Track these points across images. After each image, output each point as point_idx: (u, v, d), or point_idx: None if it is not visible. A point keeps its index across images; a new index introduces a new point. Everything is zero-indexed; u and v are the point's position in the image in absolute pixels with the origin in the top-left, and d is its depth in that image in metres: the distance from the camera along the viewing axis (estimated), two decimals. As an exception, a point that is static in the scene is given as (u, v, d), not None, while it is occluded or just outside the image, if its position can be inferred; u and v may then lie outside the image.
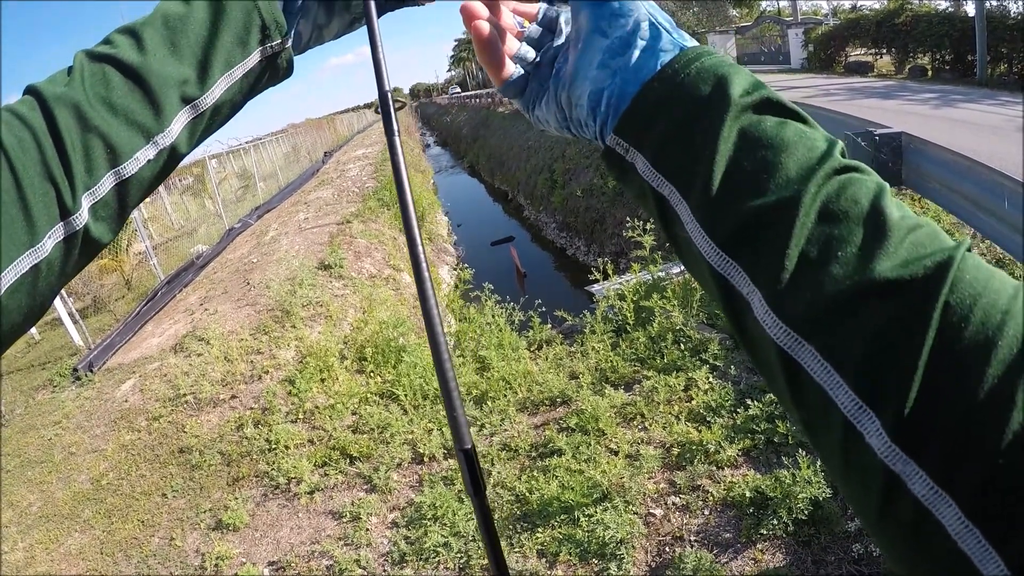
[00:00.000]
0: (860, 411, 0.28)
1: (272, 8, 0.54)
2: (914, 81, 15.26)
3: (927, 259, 0.29)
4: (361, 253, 8.97)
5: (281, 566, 3.51)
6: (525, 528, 3.40)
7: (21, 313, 0.43)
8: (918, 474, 0.26)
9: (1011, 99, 10.74)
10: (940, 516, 0.25)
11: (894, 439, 0.27)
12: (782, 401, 0.34)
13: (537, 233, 15.91)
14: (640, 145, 0.41)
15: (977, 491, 0.25)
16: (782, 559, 2.90)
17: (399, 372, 5.16)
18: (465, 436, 0.46)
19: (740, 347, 0.37)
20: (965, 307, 0.27)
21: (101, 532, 4.00)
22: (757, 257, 0.34)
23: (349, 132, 42.19)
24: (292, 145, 25.53)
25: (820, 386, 0.30)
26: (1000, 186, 3.43)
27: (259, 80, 0.57)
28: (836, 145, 0.36)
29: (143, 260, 9.84)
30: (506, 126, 25.16)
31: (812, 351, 0.31)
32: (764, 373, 0.35)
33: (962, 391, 0.26)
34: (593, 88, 0.44)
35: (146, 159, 0.49)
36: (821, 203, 0.33)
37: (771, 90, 0.38)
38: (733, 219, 0.35)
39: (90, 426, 5.18)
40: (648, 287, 5.62)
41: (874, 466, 0.28)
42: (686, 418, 3.98)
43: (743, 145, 0.36)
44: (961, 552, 0.25)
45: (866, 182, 0.34)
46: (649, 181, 0.40)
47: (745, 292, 0.34)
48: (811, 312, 0.31)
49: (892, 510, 0.28)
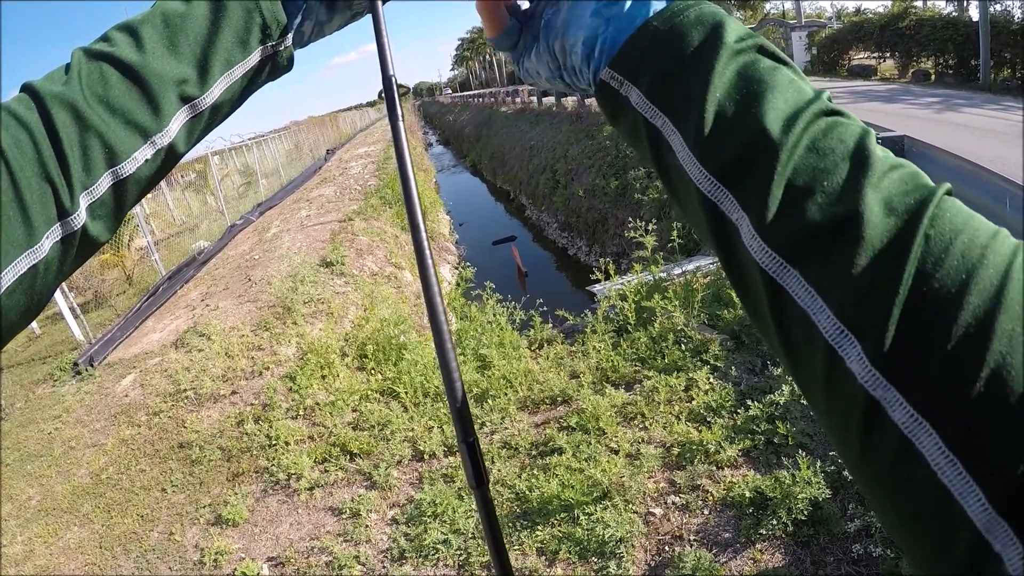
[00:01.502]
0: (842, 336, 0.29)
1: (273, 7, 0.54)
2: (917, 85, 15.28)
3: (909, 195, 0.30)
4: (363, 250, 8.97)
5: (280, 562, 3.51)
6: (525, 526, 3.40)
7: (19, 312, 0.43)
8: (899, 401, 0.26)
9: (1014, 104, 10.74)
10: (921, 446, 0.25)
11: (875, 364, 0.27)
12: (764, 330, 0.35)
13: (539, 233, 15.91)
14: (635, 78, 0.42)
15: (958, 421, 0.25)
16: (781, 559, 2.90)
17: (400, 369, 5.16)
18: (468, 429, 0.46)
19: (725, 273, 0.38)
20: (945, 239, 0.28)
21: (100, 526, 4.00)
22: (747, 185, 0.35)
23: (352, 130, 42.21)
24: (294, 142, 25.57)
25: (803, 310, 0.31)
26: (1002, 190, 3.44)
27: (258, 77, 0.56)
28: (824, 92, 0.37)
29: (145, 256, 9.84)
30: (508, 126, 25.15)
31: (796, 275, 0.31)
32: (747, 300, 0.36)
33: (942, 320, 0.26)
34: (588, 35, 0.45)
35: (144, 159, 0.48)
36: (809, 139, 0.34)
37: (764, 39, 0.40)
38: (725, 149, 0.36)
39: (90, 421, 5.18)
40: (650, 287, 5.62)
41: (855, 392, 0.28)
42: (686, 418, 3.98)
43: (737, 81, 0.37)
44: (941, 485, 0.24)
45: (852, 125, 0.35)
46: (643, 112, 0.41)
47: (734, 218, 0.35)
48: (797, 237, 0.32)
49: (873, 439, 0.27)
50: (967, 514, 0.24)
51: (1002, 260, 0.27)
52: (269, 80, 0.59)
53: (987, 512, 0.23)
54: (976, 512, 0.23)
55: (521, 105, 26.33)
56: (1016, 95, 11.94)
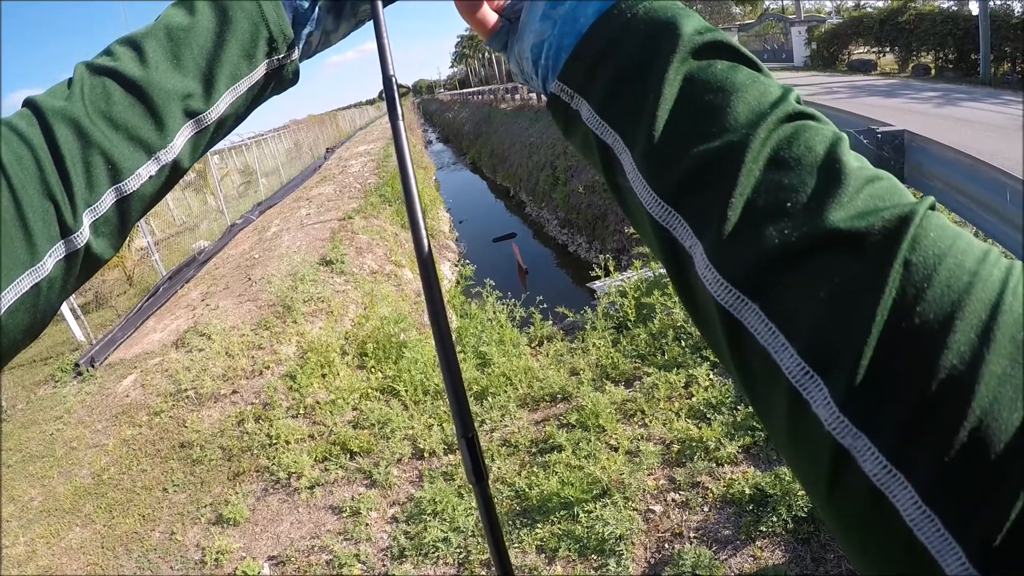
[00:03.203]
0: (807, 377, 0.26)
1: (280, 20, 0.53)
2: (917, 79, 15.25)
3: (886, 211, 0.27)
4: (363, 249, 8.97)
5: (281, 560, 3.51)
6: (525, 524, 3.40)
7: (21, 331, 0.43)
8: (870, 450, 0.24)
9: (1014, 98, 10.71)
10: (895, 499, 0.23)
11: (843, 410, 0.24)
12: (725, 365, 0.32)
13: (539, 230, 15.89)
14: (585, 91, 0.39)
15: (936, 472, 0.22)
16: (781, 556, 2.90)
17: (400, 368, 5.16)
18: (467, 424, 0.46)
19: (682, 305, 0.35)
20: (928, 267, 0.25)
21: (102, 526, 4.01)
22: (699, 207, 0.31)
23: (351, 128, 42.19)
24: (294, 141, 25.51)
25: (764, 349, 0.27)
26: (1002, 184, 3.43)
27: (264, 91, 0.56)
28: (791, 92, 0.33)
29: (145, 256, 9.84)
30: (508, 123, 25.11)
31: (756, 310, 0.28)
32: (706, 334, 0.33)
33: (922, 360, 0.23)
34: (535, 41, 0.43)
35: (148, 175, 0.48)
36: (771, 149, 0.30)
37: (723, 33, 0.36)
38: (675, 167, 0.32)
39: (91, 421, 5.19)
40: (649, 284, 5.62)
41: (821, 439, 0.25)
42: (686, 415, 3.98)
43: (690, 89, 0.34)
44: (918, 543, 0.22)
45: (822, 130, 0.31)
46: (593, 129, 0.38)
47: (688, 246, 0.32)
48: (756, 267, 0.28)
49: (842, 490, 0.25)
50: (945, 573, 0.22)
51: (992, 289, 0.24)
52: (274, 93, 0.58)
53: (966, 570, 0.21)
54: (954, 570, 0.21)
55: (520, 102, 26.28)
56: (1016, 89, 11.90)
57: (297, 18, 0.55)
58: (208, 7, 0.50)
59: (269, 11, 0.52)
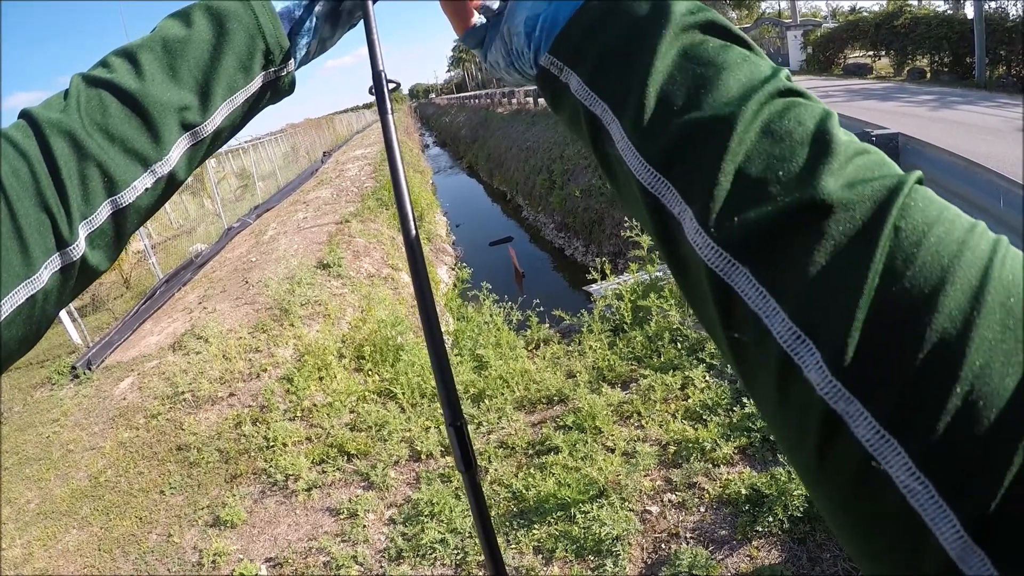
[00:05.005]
0: (798, 341, 0.26)
1: (276, 31, 0.53)
2: (913, 83, 15.33)
3: (876, 181, 0.27)
4: (360, 252, 8.97)
5: (278, 562, 3.51)
6: (522, 525, 3.40)
7: (18, 341, 0.43)
8: (862, 415, 0.23)
9: (1009, 101, 10.78)
10: (887, 466, 0.23)
11: (835, 374, 0.24)
12: (713, 334, 0.32)
13: (535, 233, 15.92)
14: (575, 64, 0.40)
15: (930, 437, 0.22)
16: (778, 556, 2.91)
17: (397, 371, 5.17)
18: (456, 412, 0.47)
19: (670, 273, 0.34)
20: (918, 232, 0.25)
21: (99, 529, 4.01)
22: (691, 174, 0.31)
23: (348, 132, 42.11)
24: (291, 145, 25.48)
25: (755, 313, 0.27)
26: (996, 186, 3.45)
27: (260, 102, 0.56)
28: (781, 71, 0.34)
29: (142, 259, 9.83)
30: (505, 127, 25.15)
31: (746, 274, 0.28)
32: (694, 302, 0.33)
33: (913, 323, 0.23)
34: (529, 15, 0.44)
35: (144, 188, 0.48)
36: (762, 122, 0.31)
37: (716, 13, 0.37)
38: (666, 134, 0.33)
39: (88, 424, 5.18)
40: (646, 287, 5.64)
41: (813, 404, 0.25)
42: (682, 416, 3.99)
43: (682, 63, 0.34)
44: (910, 509, 0.22)
45: (812, 106, 0.32)
46: (582, 100, 0.39)
47: (676, 211, 0.32)
48: (746, 231, 0.28)
49: (833, 458, 0.25)
50: (939, 541, 0.21)
51: (981, 256, 0.24)
52: (270, 103, 0.58)
53: (961, 540, 0.21)
54: (949, 539, 0.21)
55: (517, 106, 26.32)
56: (1012, 92, 11.97)
57: (293, 28, 0.55)
58: (205, 19, 0.50)
59: (265, 23, 0.52)
